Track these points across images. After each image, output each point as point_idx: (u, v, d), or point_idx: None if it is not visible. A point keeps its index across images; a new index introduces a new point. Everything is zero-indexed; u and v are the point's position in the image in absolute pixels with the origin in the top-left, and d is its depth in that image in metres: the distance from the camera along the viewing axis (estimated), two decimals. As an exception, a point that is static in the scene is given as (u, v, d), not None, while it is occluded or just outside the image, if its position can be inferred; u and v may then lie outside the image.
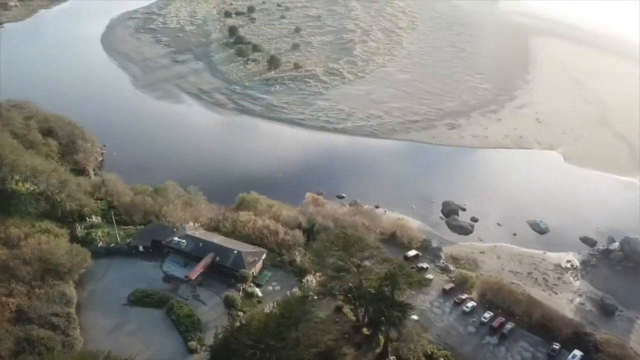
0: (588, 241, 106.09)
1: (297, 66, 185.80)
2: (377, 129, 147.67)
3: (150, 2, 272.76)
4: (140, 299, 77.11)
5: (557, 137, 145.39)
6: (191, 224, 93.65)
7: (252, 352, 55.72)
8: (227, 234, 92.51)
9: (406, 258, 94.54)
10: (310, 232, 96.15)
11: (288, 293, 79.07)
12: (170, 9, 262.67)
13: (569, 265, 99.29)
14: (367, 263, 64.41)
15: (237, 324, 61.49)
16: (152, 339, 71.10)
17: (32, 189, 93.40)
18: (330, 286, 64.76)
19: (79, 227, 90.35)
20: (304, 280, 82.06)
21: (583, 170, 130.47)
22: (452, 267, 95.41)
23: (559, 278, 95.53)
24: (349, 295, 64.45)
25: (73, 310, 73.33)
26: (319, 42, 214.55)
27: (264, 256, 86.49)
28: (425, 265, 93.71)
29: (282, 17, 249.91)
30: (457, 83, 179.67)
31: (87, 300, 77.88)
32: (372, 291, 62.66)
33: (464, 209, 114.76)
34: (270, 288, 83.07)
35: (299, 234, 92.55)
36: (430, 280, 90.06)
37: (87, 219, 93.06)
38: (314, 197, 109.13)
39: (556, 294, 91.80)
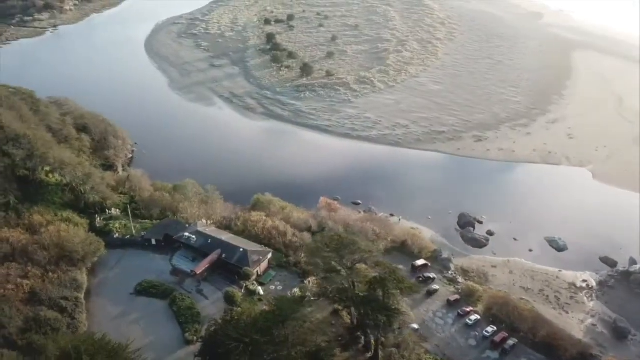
0: (608, 261, 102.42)
1: (329, 74, 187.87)
2: (402, 138, 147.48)
3: (195, 9, 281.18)
4: (146, 289, 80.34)
5: (588, 154, 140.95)
6: (204, 221, 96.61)
7: (236, 345, 57.23)
8: (238, 233, 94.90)
9: (414, 267, 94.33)
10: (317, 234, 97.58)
11: (289, 293, 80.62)
12: (213, 16, 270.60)
13: (584, 284, 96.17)
14: (359, 266, 64.84)
15: (228, 317, 62.97)
16: (152, 328, 74.08)
17: (59, 180, 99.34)
18: (323, 287, 65.60)
19: (99, 219, 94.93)
20: (305, 281, 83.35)
21: (612, 188, 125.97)
22: (460, 279, 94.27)
23: (571, 297, 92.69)
24: (340, 297, 64.94)
25: (82, 296, 77.31)
26: (354, 51, 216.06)
27: (269, 256, 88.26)
28: (432, 275, 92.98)
29: (320, 25, 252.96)
30: (489, 95, 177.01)
31: (97, 287, 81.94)
32: (361, 294, 63.16)
33: (480, 222, 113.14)
34: (272, 287, 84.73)
35: (307, 237, 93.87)
36: (436, 290, 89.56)
37: (107, 211, 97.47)
38: (327, 201, 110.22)
39: (567, 313, 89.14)
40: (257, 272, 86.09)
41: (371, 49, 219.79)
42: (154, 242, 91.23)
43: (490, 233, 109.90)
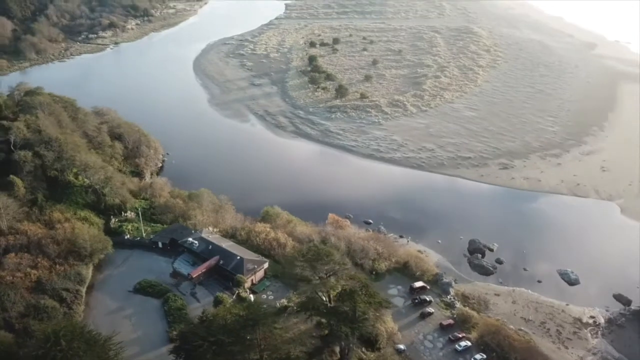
0: (622, 299, 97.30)
1: (363, 96, 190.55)
2: (425, 162, 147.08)
3: (246, 31, 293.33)
4: (144, 288, 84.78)
5: (620, 188, 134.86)
6: (210, 228, 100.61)
7: (200, 342, 59.78)
8: (241, 242, 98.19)
9: (412, 289, 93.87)
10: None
11: (277, 304, 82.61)
12: (262, 37, 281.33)
13: (591, 321, 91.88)
14: (332, 279, 66.05)
15: (204, 318, 65.73)
16: (142, 324, 78.21)
17: (84, 182, 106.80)
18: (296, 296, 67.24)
19: (113, 220, 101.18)
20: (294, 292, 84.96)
21: (639, 224, 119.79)
22: (458, 304, 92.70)
23: (574, 332, 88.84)
24: (308, 307, 66.12)
25: (83, 289, 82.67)
26: (392, 75, 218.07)
27: (265, 266, 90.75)
28: (429, 298, 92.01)
29: (364, 49, 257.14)
30: (524, 124, 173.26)
31: (101, 282, 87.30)
32: (328, 305, 64.28)
33: (491, 250, 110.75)
34: (264, 296, 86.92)
35: (300, 250, 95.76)
36: (430, 313, 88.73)
37: (123, 213, 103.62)
38: (335, 218, 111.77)
39: (566, 348, 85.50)
40: (252, 280, 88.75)
41: (410, 73, 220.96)
42: (160, 245, 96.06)
43: (499, 261, 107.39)
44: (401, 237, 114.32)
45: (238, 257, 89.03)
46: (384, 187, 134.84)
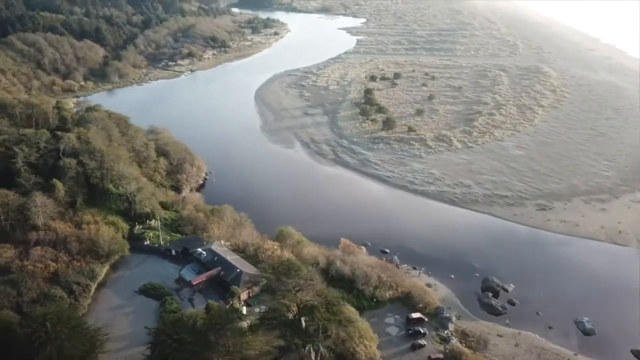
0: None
1: (410, 129, 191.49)
2: (458, 197, 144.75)
3: (313, 64, 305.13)
4: (147, 290, 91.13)
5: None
6: (222, 241, 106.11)
7: (163, 339, 64.11)
8: (248, 257, 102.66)
9: (408, 319, 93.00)
10: (324, 272, 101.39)
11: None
12: (326, 70, 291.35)
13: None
14: (299, 294, 68.08)
15: (177, 318, 70.23)
16: (137, 322, 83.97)
17: (120, 190, 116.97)
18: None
19: (138, 227, 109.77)
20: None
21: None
22: (454, 340, 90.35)
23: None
24: (268, 317, 68.45)
25: (93, 285, 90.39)
26: (446, 111, 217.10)
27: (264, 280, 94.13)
28: (424, 330, 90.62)
29: (424, 84, 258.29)
30: (576, 166, 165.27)
31: (112, 281, 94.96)
32: (290, 317, 66.38)
33: (506, 290, 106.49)
34: (257, 309, 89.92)
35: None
36: (422, 345, 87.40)
37: (147, 221, 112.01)
38: (347, 243, 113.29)
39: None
40: (249, 293, 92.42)
41: (464, 110, 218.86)
42: (173, 252, 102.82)
43: (511, 302, 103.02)
44: (414, 268, 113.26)
45: (237, 270, 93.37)
46: (410, 219, 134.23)
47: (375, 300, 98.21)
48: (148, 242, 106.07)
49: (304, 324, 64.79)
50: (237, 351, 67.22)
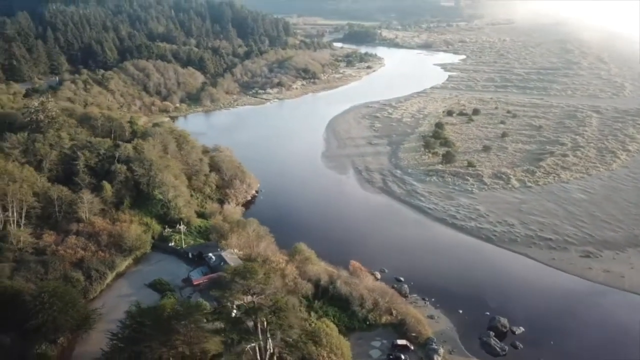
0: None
1: (470, 165, 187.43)
2: (497, 235, 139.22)
3: (394, 97, 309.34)
4: (155, 284, 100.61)
5: None
6: (235, 250, 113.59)
7: (129, 322, 72.06)
8: (260, 265, 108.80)
9: (393, 345, 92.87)
10: (325, 290, 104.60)
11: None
12: (406, 104, 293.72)
13: None
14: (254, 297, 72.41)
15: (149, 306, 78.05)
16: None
17: (159, 196, 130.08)
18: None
19: (166, 229, 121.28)
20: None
21: None
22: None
23: None
24: (215, 314, 73.49)
25: (110, 274, 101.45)
26: (515, 149, 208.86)
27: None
28: (405, 357, 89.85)
29: (502, 122, 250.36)
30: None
31: (130, 273, 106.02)
32: (233, 315, 70.93)
33: (513, 332, 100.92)
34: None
35: (302, 284, 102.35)
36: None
37: (177, 226, 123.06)
38: (356, 266, 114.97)
39: None
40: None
41: (536, 149, 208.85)
42: (190, 255, 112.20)
43: (514, 345, 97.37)
44: (423, 299, 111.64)
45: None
46: (437, 252, 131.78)
47: (367, 322, 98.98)
48: (172, 243, 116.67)
49: (246, 323, 68.96)
50: (196, 343, 73.15)
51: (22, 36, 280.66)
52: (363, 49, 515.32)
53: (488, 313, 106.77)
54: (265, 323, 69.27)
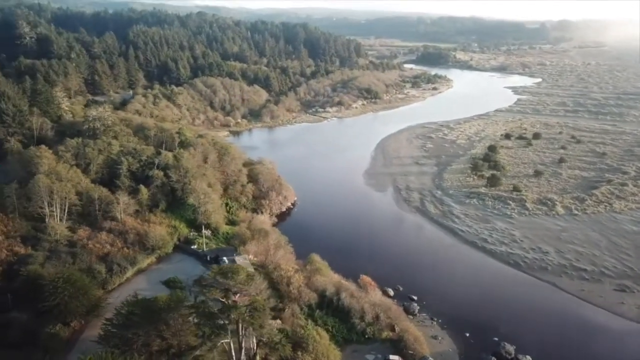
0: None
1: (515, 189, 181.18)
2: (527, 262, 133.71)
3: (455, 118, 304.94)
4: (169, 282, 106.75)
5: None
6: (250, 256, 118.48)
7: (123, 310, 78.55)
8: (264, 273, 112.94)
9: (385, 359, 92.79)
10: (330, 301, 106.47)
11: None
12: (464, 125, 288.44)
13: None
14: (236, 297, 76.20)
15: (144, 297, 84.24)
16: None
17: (192, 202, 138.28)
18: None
19: (192, 233, 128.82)
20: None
21: None
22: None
23: None
24: (192, 309, 77.89)
25: (130, 269, 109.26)
26: (570, 175, 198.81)
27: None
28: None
29: (562, 147, 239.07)
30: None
31: (151, 270, 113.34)
32: (208, 311, 75.00)
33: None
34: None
35: (307, 293, 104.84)
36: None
37: (203, 230, 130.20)
38: (366, 280, 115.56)
39: None
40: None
41: (594, 177, 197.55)
42: (208, 258, 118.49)
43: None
44: (432, 319, 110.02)
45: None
46: (457, 273, 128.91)
47: (366, 335, 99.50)
48: (195, 246, 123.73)
49: (222, 320, 72.84)
50: (182, 335, 78.23)
51: (107, 54, 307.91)
52: (434, 71, 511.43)
53: (496, 338, 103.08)
54: (239, 321, 72.61)
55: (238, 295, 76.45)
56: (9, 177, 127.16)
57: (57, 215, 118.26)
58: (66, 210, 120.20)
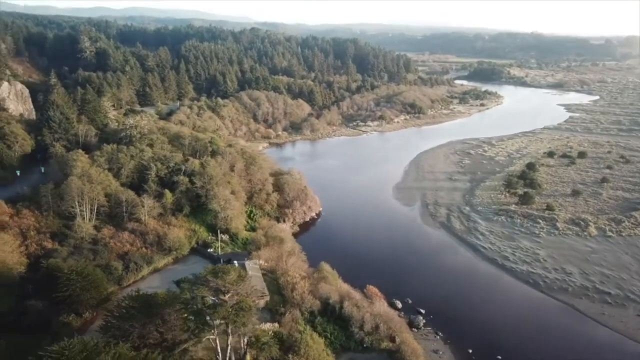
0: None
1: (549, 208, 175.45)
2: (547, 282, 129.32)
3: (498, 135, 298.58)
4: (180, 281, 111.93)
5: None
6: (259, 260, 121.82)
7: (123, 303, 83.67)
8: (273, 277, 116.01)
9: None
10: (333, 309, 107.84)
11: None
12: (507, 142, 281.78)
13: None
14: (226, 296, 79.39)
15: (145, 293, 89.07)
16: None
17: (214, 208, 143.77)
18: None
19: (210, 237, 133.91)
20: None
21: None
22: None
23: None
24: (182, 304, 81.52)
25: (146, 268, 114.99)
26: (610, 196, 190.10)
27: (262, 300, 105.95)
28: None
29: (608, 167, 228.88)
30: None
31: (167, 270, 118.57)
32: (195, 308, 78.37)
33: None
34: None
35: (310, 300, 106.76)
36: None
37: (222, 235, 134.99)
38: (372, 290, 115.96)
39: None
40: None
41: (636, 198, 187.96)
42: (222, 261, 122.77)
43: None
44: (436, 333, 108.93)
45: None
46: (471, 290, 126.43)
47: (364, 345, 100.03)
48: (211, 249, 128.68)
49: (208, 317, 76.22)
50: (176, 330, 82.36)
51: (160, 67, 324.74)
52: (486, 87, 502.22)
53: (500, 357, 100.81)
54: (225, 319, 75.70)
55: (228, 294, 79.82)
56: (49, 178, 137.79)
57: (86, 215, 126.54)
58: (95, 211, 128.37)
